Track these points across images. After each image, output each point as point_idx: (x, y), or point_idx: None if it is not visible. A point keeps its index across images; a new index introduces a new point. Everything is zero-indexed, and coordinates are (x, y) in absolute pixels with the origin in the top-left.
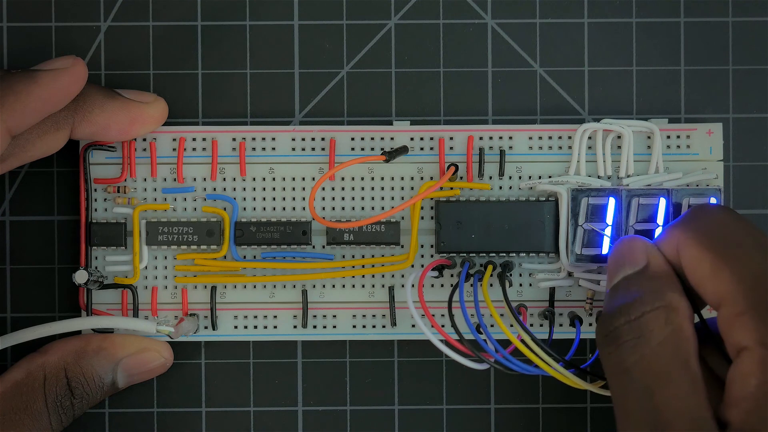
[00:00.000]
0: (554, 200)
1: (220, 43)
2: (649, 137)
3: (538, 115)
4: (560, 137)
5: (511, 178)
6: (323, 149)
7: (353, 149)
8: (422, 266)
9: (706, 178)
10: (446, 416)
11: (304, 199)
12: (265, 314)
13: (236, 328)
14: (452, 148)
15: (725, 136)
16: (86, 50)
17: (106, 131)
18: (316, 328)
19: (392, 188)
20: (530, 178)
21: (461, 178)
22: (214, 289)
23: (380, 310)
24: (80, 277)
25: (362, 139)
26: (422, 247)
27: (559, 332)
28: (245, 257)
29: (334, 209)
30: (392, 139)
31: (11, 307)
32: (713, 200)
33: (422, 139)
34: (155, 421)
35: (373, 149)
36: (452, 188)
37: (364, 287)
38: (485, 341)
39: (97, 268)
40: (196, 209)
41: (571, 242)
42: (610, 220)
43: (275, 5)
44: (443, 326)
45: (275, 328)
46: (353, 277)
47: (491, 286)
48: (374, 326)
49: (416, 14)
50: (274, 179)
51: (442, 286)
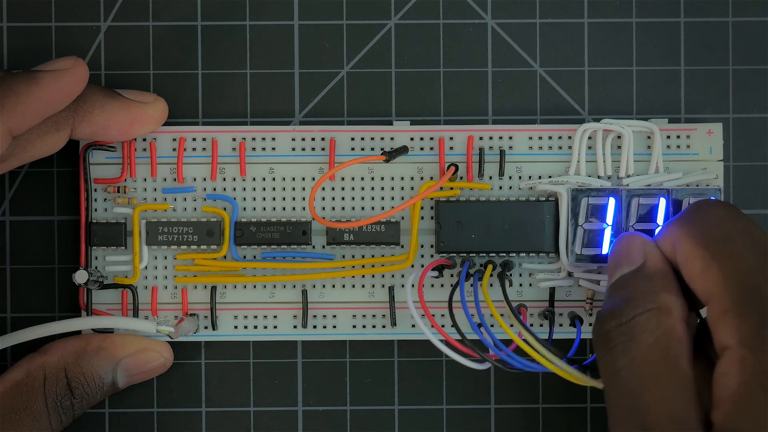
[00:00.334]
0: (554, 200)
1: (220, 43)
2: (649, 137)
3: (538, 115)
4: (560, 137)
5: (511, 178)
6: (323, 149)
7: (353, 149)
8: (422, 266)
9: (706, 178)
10: (446, 416)
11: (304, 199)
12: (265, 314)
13: (236, 328)
14: (452, 148)
15: (725, 136)
16: (86, 50)
17: (106, 131)
18: (316, 328)
19: (392, 188)
20: (530, 178)
21: (461, 178)
22: (214, 289)
23: (380, 310)
24: (80, 277)
25: (362, 139)
26: (422, 247)
27: (559, 332)
28: (245, 257)
29: (334, 209)
30: (392, 139)
31: (11, 307)
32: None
33: (422, 139)
34: (155, 421)
35: (373, 149)
36: (452, 188)
37: (364, 287)
38: (487, 339)
39: (97, 268)
40: (196, 209)
41: (571, 242)
42: (610, 220)
43: (275, 5)
44: (443, 326)
45: (275, 328)
46: (353, 277)
47: (491, 286)
48: (374, 326)
49: (416, 14)
50: (274, 179)
51: (442, 286)
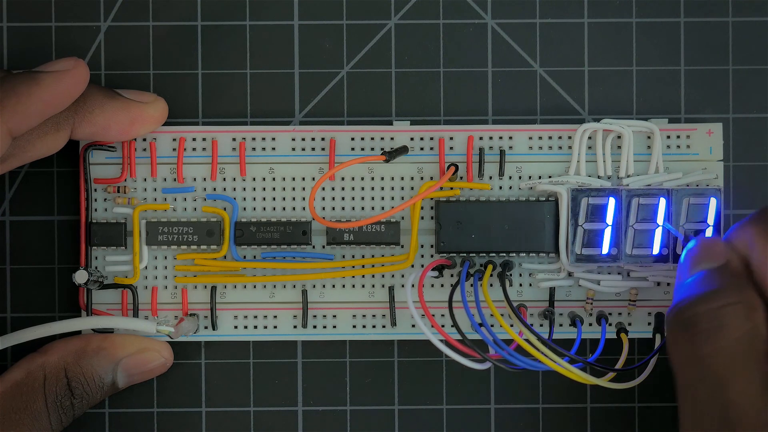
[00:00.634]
0: (554, 200)
1: (220, 43)
2: (649, 137)
3: (538, 115)
4: (560, 137)
5: (511, 178)
6: (323, 149)
7: (353, 149)
8: (422, 266)
9: (706, 178)
10: (446, 416)
11: (304, 199)
12: (265, 314)
13: (236, 328)
14: (452, 148)
15: (725, 136)
16: (86, 50)
17: (106, 131)
18: (316, 328)
19: (392, 188)
20: (530, 178)
21: (461, 178)
22: (214, 289)
23: (380, 310)
24: (80, 277)
25: (362, 139)
26: (422, 247)
27: (559, 332)
28: (245, 257)
29: (334, 209)
30: (392, 139)
31: (11, 307)
32: None
33: (422, 139)
34: (155, 421)
35: (373, 149)
36: (452, 188)
37: (364, 287)
38: (488, 338)
39: (97, 268)
40: (196, 209)
41: (571, 242)
42: (610, 220)
43: (275, 5)
44: (443, 326)
45: (275, 328)
46: (353, 277)
47: (491, 286)
48: (374, 326)
49: (416, 14)
50: (274, 179)
51: (442, 286)
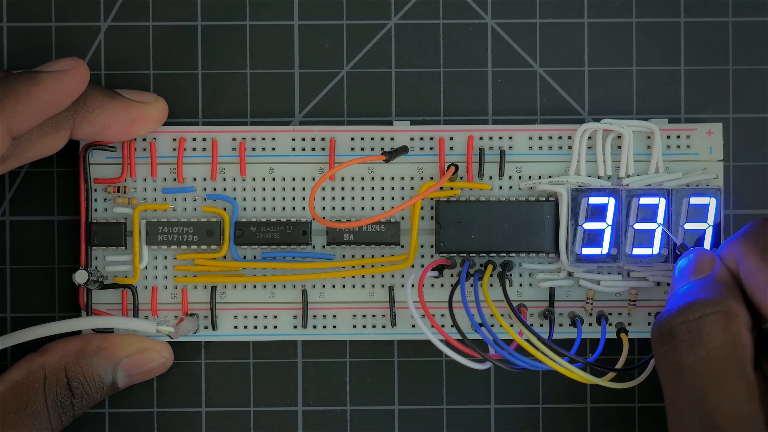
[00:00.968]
0: (554, 200)
1: (220, 43)
2: (649, 137)
3: (538, 115)
4: (560, 137)
5: (511, 178)
6: (323, 149)
7: (353, 149)
8: (422, 266)
9: (706, 178)
10: (446, 416)
11: (304, 199)
12: (265, 314)
13: (236, 328)
14: (452, 148)
15: (725, 136)
16: (86, 50)
17: (106, 131)
18: (316, 328)
19: (392, 188)
20: (530, 178)
21: (461, 178)
22: (214, 289)
23: (380, 310)
24: (80, 277)
25: (362, 139)
26: (422, 247)
27: (559, 332)
28: (245, 257)
29: (334, 209)
30: (392, 139)
31: (11, 307)
32: None
33: (422, 139)
34: (155, 421)
35: (373, 149)
36: (452, 188)
37: (364, 287)
38: (489, 338)
39: (97, 268)
40: (196, 209)
41: (571, 242)
42: (610, 220)
43: (275, 5)
44: (443, 326)
45: (275, 328)
46: (353, 277)
47: (491, 285)
48: (374, 326)
49: (416, 14)
50: (274, 179)
51: (442, 286)
